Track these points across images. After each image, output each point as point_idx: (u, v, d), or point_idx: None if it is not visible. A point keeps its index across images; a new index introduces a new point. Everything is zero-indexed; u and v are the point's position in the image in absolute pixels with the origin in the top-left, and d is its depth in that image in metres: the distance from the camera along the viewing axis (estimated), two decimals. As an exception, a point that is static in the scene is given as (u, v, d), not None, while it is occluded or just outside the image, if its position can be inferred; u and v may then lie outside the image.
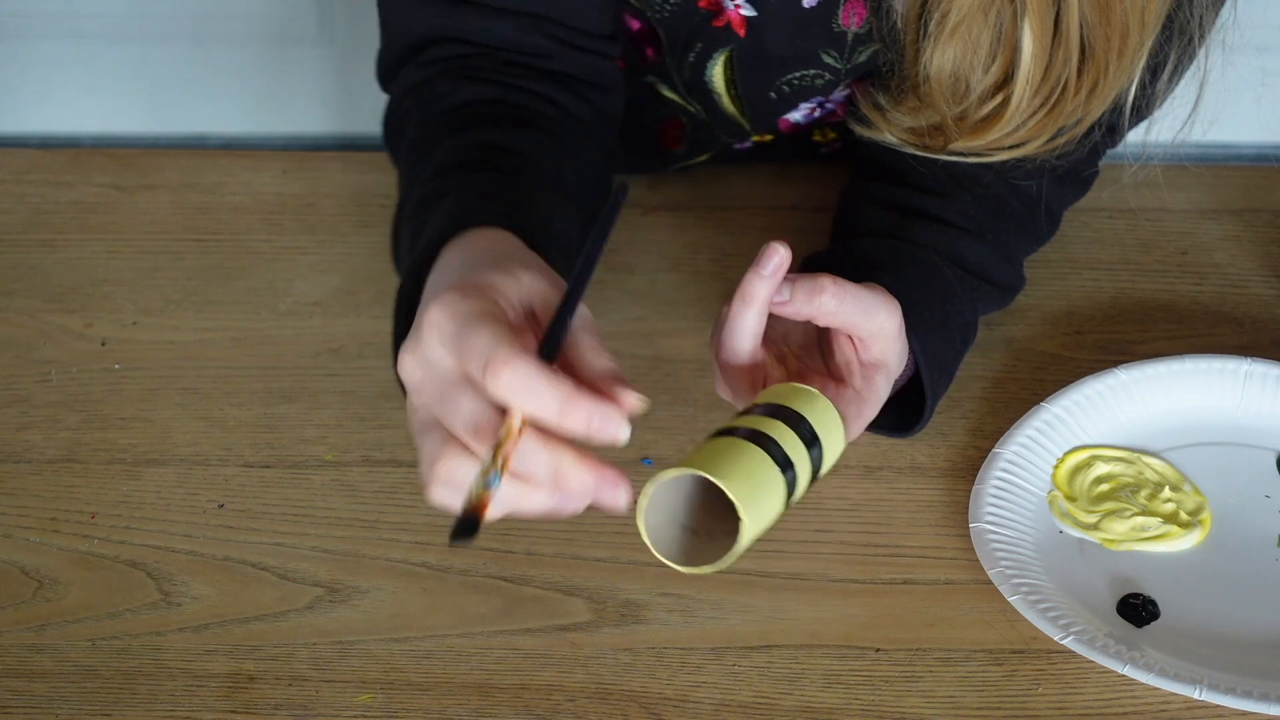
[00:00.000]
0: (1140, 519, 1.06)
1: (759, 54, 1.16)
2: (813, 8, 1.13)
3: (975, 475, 1.07)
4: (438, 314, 0.83)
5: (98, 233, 1.27)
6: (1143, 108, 1.11)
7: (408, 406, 0.86)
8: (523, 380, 0.79)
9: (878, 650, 1.00)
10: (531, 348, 0.82)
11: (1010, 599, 1.00)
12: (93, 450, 1.12)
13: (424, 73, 1.12)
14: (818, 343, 1.03)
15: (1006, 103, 1.06)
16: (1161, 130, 1.12)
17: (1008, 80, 1.05)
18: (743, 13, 1.14)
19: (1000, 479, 1.07)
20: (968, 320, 1.11)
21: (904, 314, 1.03)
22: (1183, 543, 1.05)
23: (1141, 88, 1.08)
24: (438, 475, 0.82)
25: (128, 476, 1.10)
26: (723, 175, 1.32)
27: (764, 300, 0.96)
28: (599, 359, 0.84)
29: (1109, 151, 1.19)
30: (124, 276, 1.24)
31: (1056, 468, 1.09)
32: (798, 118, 1.23)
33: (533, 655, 1.00)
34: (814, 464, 0.92)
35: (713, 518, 0.89)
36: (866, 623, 1.02)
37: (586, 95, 1.13)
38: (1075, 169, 1.16)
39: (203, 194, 1.31)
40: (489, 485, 0.80)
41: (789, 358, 1.01)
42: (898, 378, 1.05)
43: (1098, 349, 1.18)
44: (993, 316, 1.18)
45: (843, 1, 1.12)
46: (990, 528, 1.04)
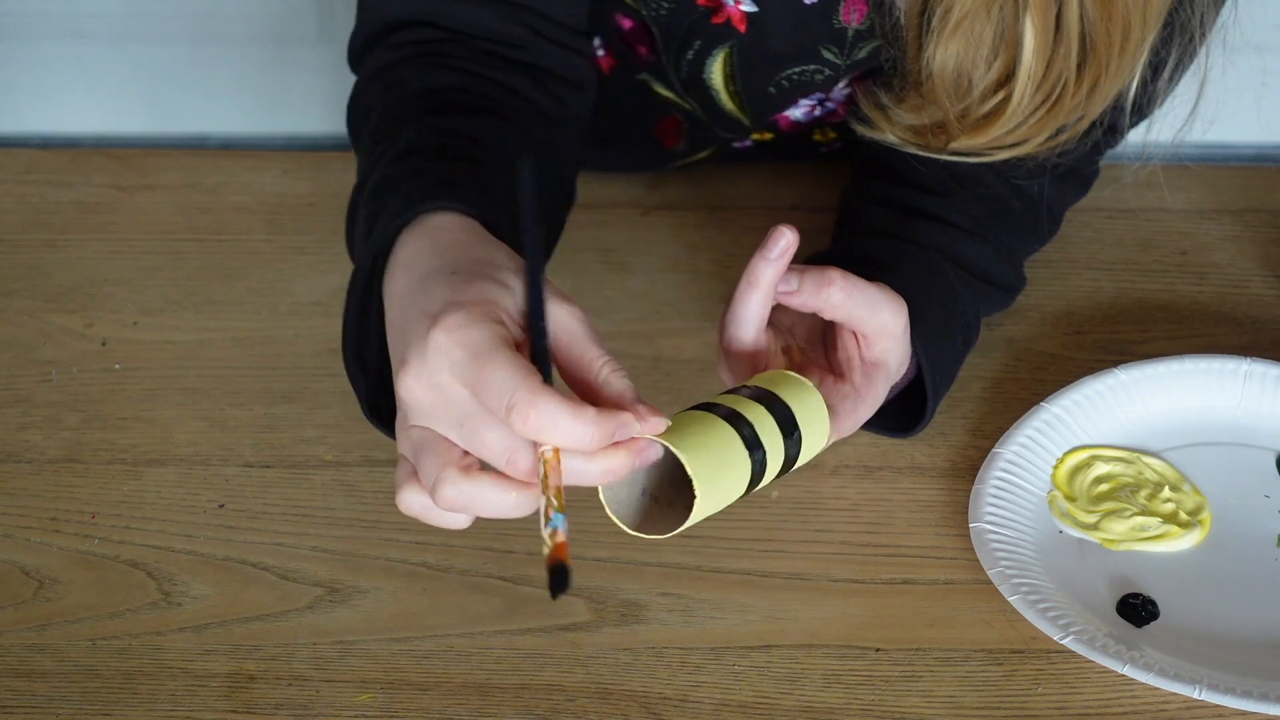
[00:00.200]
0: (1140, 519, 1.06)
1: (759, 50, 1.15)
2: (813, 4, 1.13)
3: (975, 475, 1.07)
4: (445, 340, 0.82)
5: (98, 233, 1.27)
6: (1143, 106, 1.11)
7: (399, 422, 0.85)
8: (551, 420, 0.80)
9: (878, 650, 1.00)
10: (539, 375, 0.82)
11: (1010, 599, 1.00)
12: (93, 450, 1.12)
13: (393, 55, 1.10)
14: (822, 337, 1.03)
15: (1008, 99, 1.06)
16: (1161, 130, 1.12)
17: (1009, 77, 1.05)
18: (743, 9, 1.14)
19: (1000, 479, 1.07)
20: (969, 322, 1.11)
21: (909, 316, 1.03)
22: (1182, 543, 1.05)
23: (1143, 86, 1.08)
24: (446, 498, 0.83)
25: (128, 476, 1.10)
26: (723, 175, 1.32)
27: (769, 284, 0.96)
28: (616, 380, 0.84)
29: (1110, 151, 1.19)
30: (124, 276, 1.24)
31: (1056, 468, 1.09)
32: (798, 115, 1.23)
33: (533, 655, 1.00)
34: (789, 452, 0.92)
35: (675, 488, 0.89)
36: (866, 623, 1.02)
37: (555, 90, 1.12)
38: (1076, 168, 1.16)
39: (203, 194, 1.31)
40: (556, 526, 0.81)
41: (794, 350, 1.02)
42: (899, 380, 1.05)
43: (1098, 349, 1.18)
44: (993, 316, 1.18)
45: None
46: (990, 528, 1.04)
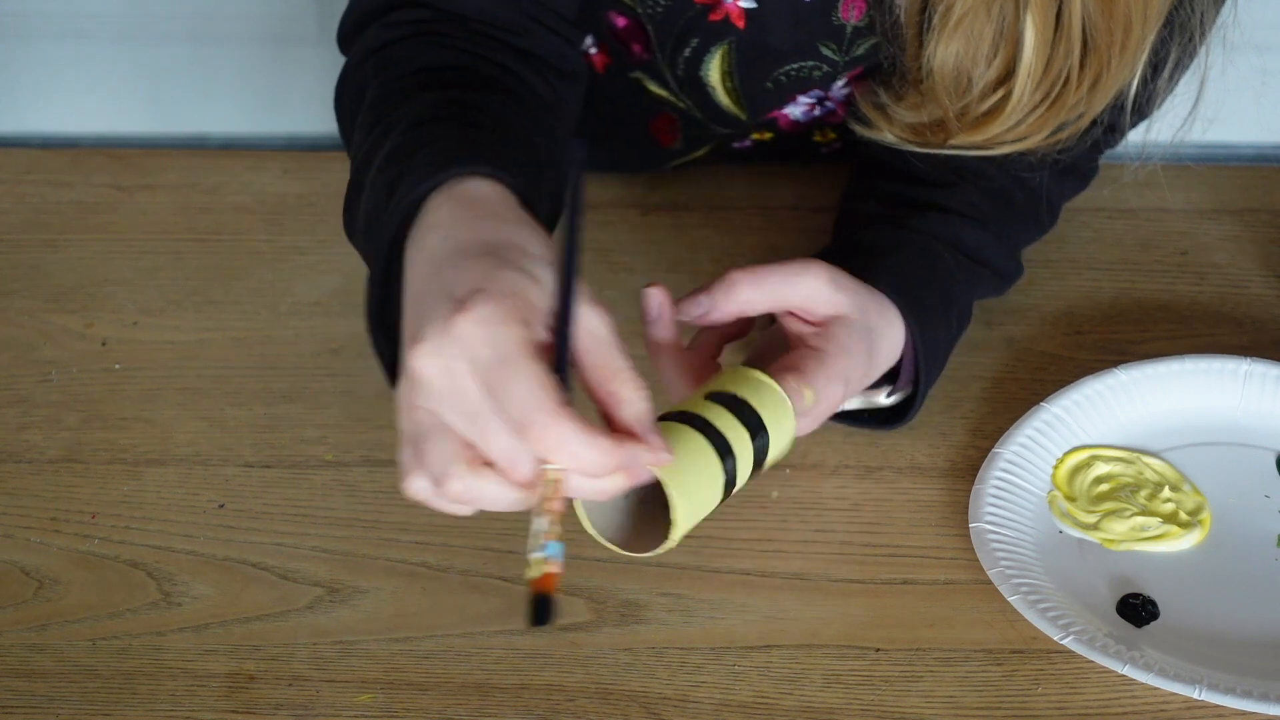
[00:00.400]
0: (1140, 519, 1.06)
1: (757, 46, 1.15)
2: (812, 1, 1.13)
3: (975, 475, 1.07)
4: (470, 331, 0.80)
5: (98, 233, 1.27)
6: (1143, 105, 1.11)
7: (403, 396, 0.83)
8: (565, 445, 0.80)
9: (878, 650, 1.00)
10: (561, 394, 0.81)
11: (1010, 599, 1.00)
12: (93, 450, 1.12)
13: (389, 34, 1.08)
14: (783, 338, 1.03)
15: (1008, 97, 1.06)
16: (1161, 130, 1.12)
17: (1009, 74, 1.05)
18: (741, 5, 1.14)
19: (1000, 479, 1.07)
20: (965, 307, 1.11)
21: (904, 300, 1.04)
22: (1182, 543, 1.05)
23: (1143, 83, 1.08)
24: (453, 492, 0.82)
25: (128, 476, 1.10)
26: (722, 175, 1.32)
27: (670, 341, 0.98)
28: (637, 402, 0.84)
29: (1110, 151, 1.19)
30: (124, 276, 1.24)
31: (1056, 468, 1.09)
32: (798, 115, 1.23)
33: (533, 655, 1.00)
34: (758, 452, 0.93)
35: (651, 497, 0.90)
36: (866, 623, 1.02)
37: (551, 79, 1.10)
38: (1075, 164, 1.17)
39: (203, 194, 1.31)
40: (551, 555, 0.81)
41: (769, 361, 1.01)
42: (904, 368, 1.05)
43: (1098, 349, 1.18)
44: (993, 316, 1.18)
45: None
46: (990, 528, 1.04)
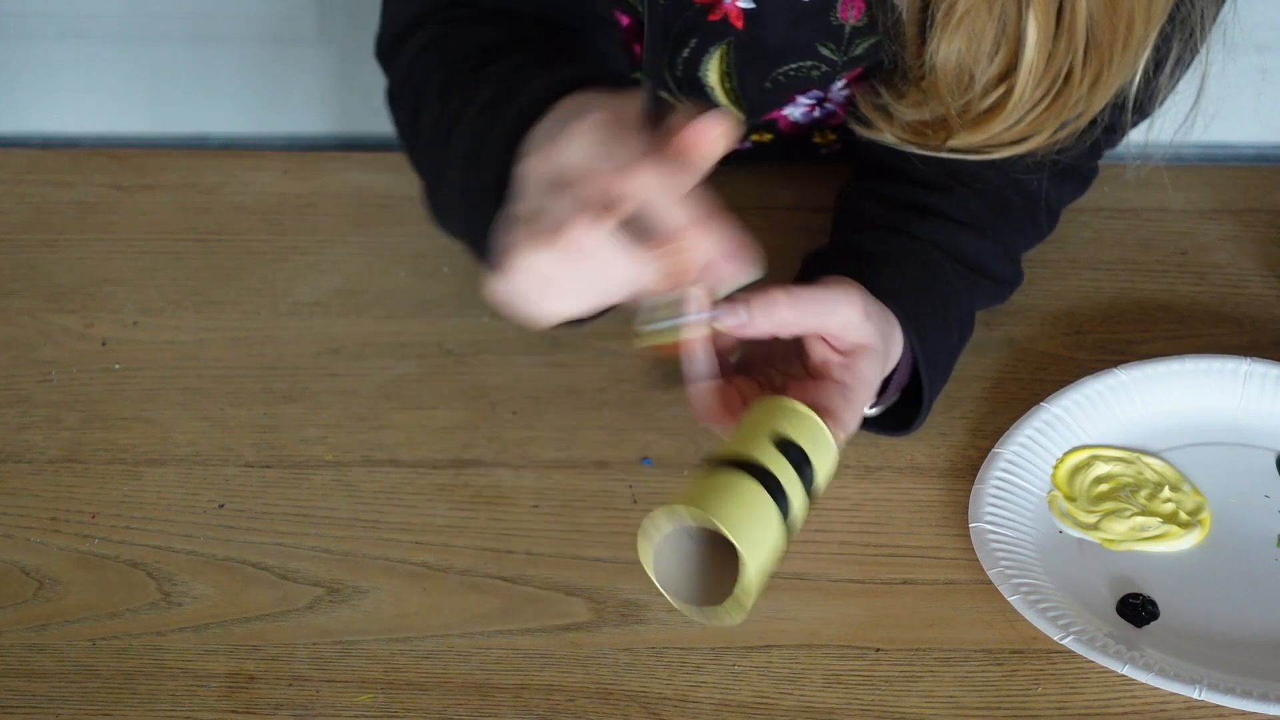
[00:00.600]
0: (1140, 519, 1.06)
1: (756, 46, 1.15)
2: (811, 1, 1.13)
3: (975, 475, 1.07)
4: (582, 126, 0.88)
5: (98, 233, 1.27)
6: (1145, 103, 1.11)
7: (521, 196, 0.89)
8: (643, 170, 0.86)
9: (878, 650, 1.00)
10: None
11: (1010, 599, 1.00)
12: (93, 450, 1.12)
13: (442, 29, 1.10)
14: (796, 352, 1.02)
15: (1009, 93, 1.05)
16: (1162, 129, 1.12)
17: (1011, 71, 1.05)
18: (740, 5, 1.14)
19: (1000, 479, 1.07)
20: (965, 315, 1.11)
21: (903, 308, 1.03)
22: (1182, 543, 1.05)
23: (1145, 81, 1.08)
24: (569, 237, 0.85)
25: (128, 476, 1.10)
26: (722, 176, 1.31)
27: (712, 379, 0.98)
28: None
29: (1110, 151, 1.18)
30: (124, 276, 1.24)
31: (1056, 468, 1.09)
32: (798, 116, 1.23)
33: (533, 655, 1.00)
34: (807, 487, 0.93)
35: (713, 546, 0.90)
36: (866, 623, 1.02)
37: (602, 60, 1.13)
38: (1075, 165, 1.16)
39: (203, 194, 1.31)
40: (685, 321, 0.90)
41: (774, 375, 1.01)
42: (896, 376, 1.05)
43: (1098, 349, 1.18)
44: (993, 317, 1.18)
45: None
46: (990, 528, 1.04)
